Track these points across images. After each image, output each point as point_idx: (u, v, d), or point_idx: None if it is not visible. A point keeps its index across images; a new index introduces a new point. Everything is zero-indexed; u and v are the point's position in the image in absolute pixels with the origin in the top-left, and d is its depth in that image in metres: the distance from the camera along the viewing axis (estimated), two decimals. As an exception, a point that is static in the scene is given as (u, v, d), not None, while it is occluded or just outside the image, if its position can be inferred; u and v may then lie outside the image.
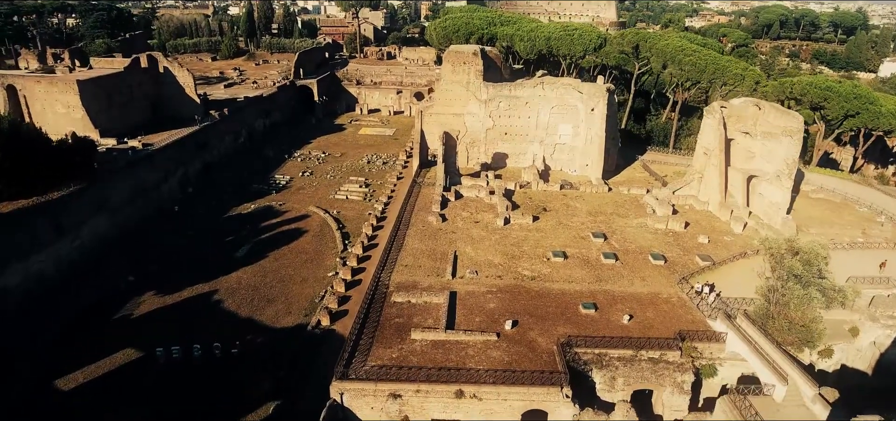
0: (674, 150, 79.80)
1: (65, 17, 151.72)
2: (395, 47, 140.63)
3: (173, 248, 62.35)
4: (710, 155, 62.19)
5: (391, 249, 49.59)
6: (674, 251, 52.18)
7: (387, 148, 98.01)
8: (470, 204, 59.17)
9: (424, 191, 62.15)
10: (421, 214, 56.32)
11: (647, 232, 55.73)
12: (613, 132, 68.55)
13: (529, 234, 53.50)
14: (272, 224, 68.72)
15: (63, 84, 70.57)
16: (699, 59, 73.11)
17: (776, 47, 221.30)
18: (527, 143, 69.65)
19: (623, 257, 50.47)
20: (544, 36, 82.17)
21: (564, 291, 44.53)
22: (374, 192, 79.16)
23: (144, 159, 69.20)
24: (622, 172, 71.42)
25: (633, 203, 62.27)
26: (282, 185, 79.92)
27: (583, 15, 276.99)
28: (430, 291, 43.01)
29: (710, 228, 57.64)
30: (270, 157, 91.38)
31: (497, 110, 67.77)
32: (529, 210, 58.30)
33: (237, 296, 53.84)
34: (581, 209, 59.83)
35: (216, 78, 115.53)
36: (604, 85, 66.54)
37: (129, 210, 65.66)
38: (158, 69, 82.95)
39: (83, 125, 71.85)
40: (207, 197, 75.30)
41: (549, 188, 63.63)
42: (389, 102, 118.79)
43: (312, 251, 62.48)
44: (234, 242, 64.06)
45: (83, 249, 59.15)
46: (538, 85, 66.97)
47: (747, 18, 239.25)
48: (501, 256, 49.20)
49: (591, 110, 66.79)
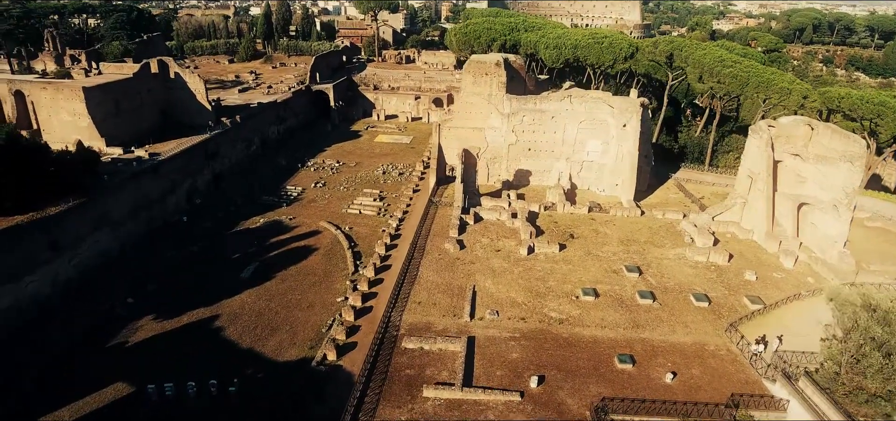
0: (710, 167, 73.17)
1: (86, 17, 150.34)
2: (415, 51, 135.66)
3: (176, 265, 58.64)
4: (755, 179, 55.81)
5: (404, 282, 44.57)
6: (718, 290, 46.16)
7: (403, 157, 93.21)
8: (490, 229, 53.87)
9: (441, 212, 57.04)
10: (437, 240, 51.22)
11: (687, 265, 49.75)
12: (646, 149, 62.51)
13: (556, 265, 47.99)
14: (281, 241, 64.46)
15: (69, 91, 67.18)
16: (740, 72, 66.38)
17: (809, 52, 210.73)
18: (552, 160, 64.00)
19: (661, 296, 44.67)
20: (571, 44, 76.20)
21: (597, 338, 39.02)
22: (388, 206, 74.41)
23: (150, 170, 65.39)
24: (655, 193, 65.28)
25: (668, 230, 56.23)
26: (293, 198, 75.68)
27: (606, 16, 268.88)
28: (445, 335, 37.94)
29: (756, 261, 51.36)
30: (283, 165, 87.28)
31: (520, 125, 62.26)
32: (555, 237, 52.81)
33: (239, 323, 49.65)
34: (612, 236, 54.04)
35: (231, 82, 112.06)
36: (637, 99, 60.55)
37: (131, 224, 61.95)
38: (169, 74, 79.29)
39: (89, 133, 68.43)
40: (215, 209, 71.45)
41: (577, 211, 57.95)
42: (407, 109, 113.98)
43: (321, 273, 57.97)
44: (240, 261, 59.94)
45: (82, 267, 55.50)
46: (566, 98, 61.28)
47: (778, 22, 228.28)
48: (525, 293, 43.82)
49: (622, 126, 60.89)
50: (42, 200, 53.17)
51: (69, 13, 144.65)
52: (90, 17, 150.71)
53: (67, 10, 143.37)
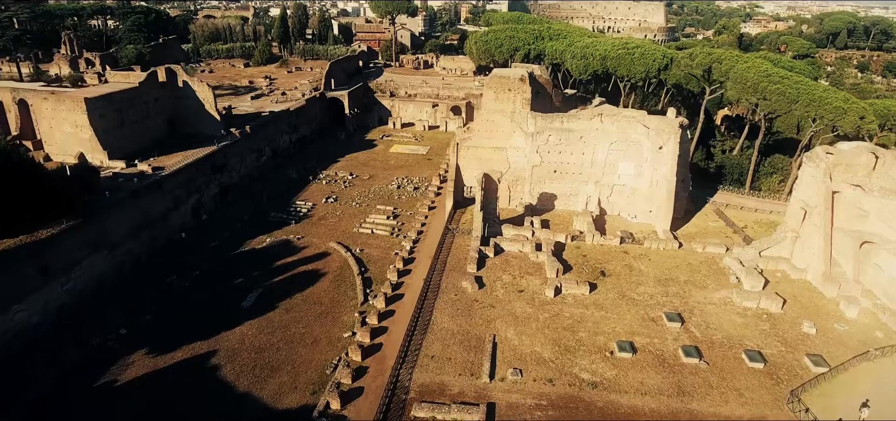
0: (751, 190, 66.27)
1: (105, 19, 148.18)
2: (433, 56, 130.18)
3: (176, 291, 54.49)
4: (810, 212, 49.13)
5: (415, 330, 39.26)
6: (772, 345, 39.84)
7: (419, 169, 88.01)
8: (512, 263, 48.24)
9: (458, 242, 51.57)
10: (453, 277, 45.80)
11: (734, 312, 43.46)
12: (684, 174, 56.14)
13: (586, 311, 42.17)
14: (287, 264, 59.83)
15: (70, 101, 63.33)
16: (788, 88, 59.37)
17: (842, 57, 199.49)
18: (579, 184, 58.03)
19: (708, 353, 38.58)
20: (599, 54, 69.80)
21: (636, 408, 33.21)
22: (402, 225, 69.25)
23: (152, 186, 61.20)
24: (692, 220, 58.83)
25: (710, 266, 49.88)
26: (303, 214, 71.02)
27: (629, 19, 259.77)
28: (461, 401, 32.57)
29: (813, 308, 44.79)
30: (294, 178, 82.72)
31: (546, 145, 56.41)
32: (584, 274, 46.98)
33: (238, 361, 45.12)
34: (647, 274, 47.94)
35: (245, 88, 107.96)
36: (676, 119, 54.20)
37: (131, 244, 57.78)
38: (177, 83, 75.19)
39: (91, 145, 64.58)
40: (221, 227, 67.19)
41: (607, 242, 51.95)
42: (424, 116, 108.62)
43: (328, 302, 53.12)
44: (243, 286, 55.52)
45: (75, 292, 51.44)
46: (596, 117, 55.21)
47: (810, 26, 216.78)
48: (552, 347, 38.14)
49: (658, 149, 54.65)
50: (35, 223, 49.33)
51: (88, 15, 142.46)
52: (110, 18, 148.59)
53: (86, 11, 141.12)
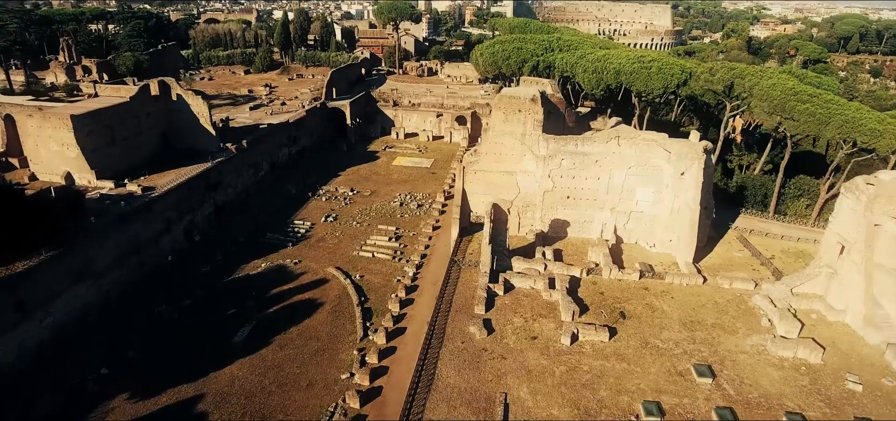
0: (776, 214, 61.55)
1: (106, 24, 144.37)
2: (437, 62, 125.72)
3: (164, 323, 50.56)
4: (849, 248, 44.54)
5: (418, 387, 34.99)
6: (815, 406, 35.31)
7: (423, 185, 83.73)
8: (523, 302, 43.87)
9: (465, 277, 47.23)
10: (460, 319, 41.48)
11: (769, 363, 38.95)
12: (707, 200, 51.60)
13: (606, 363, 37.78)
14: (283, 292, 55.81)
15: (56, 119, 59.29)
16: (818, 108, 54.58)
17: (854, 63, 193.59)
18: (594, 210, 53.57)
19: (745, 414, 34.11)
20: (613, 69, 65.11)
21: (668, 489, 29.00)
22: (404, 247, 65.03)
23: (142, 209, 57.15)
24: (715, 249, 54.23)
25: (739, 305, 45.34)
26: (300, 235, 66.91)
27: (635, 21, 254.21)
28: (469, 481, 28.44)
29: (856, 358, 40.20)
30: (293, 193, 78.63)
31: (559, 169, 51.95)
32: (602, 315, 42.60)
33: (227, 407, 41.22)
34: (671, 315, 43.47)
35: (243, 97, 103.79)
36: (699, 143, 49.63)
37: (118, 272, 53.78)
38: (171, 96, 71.11)
39: (78, 165, 60.61)
40: (215, 248, 63.14)
41: (625, 277, 47.49)
42: (428, 126, 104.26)
43: (326, 337, 49.07)
44: (236, 317, 51.58)
45: (55, 327, 47.50)
46: (613, 140, 50.73)
47: (820, 29, 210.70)
48: (571, 409, 33.75)
49: (680, 174, 50.12)
50: (12, 253, 45.41)
51: (88, 20, 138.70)
52: (110, 23, 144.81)
53: (86, 16, 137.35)
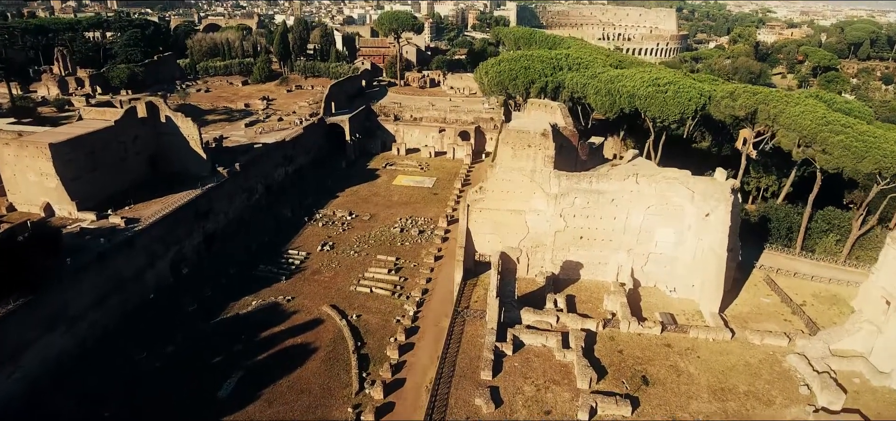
0: (802, 251, 56.58)
1: (103, 32, 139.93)
2: (440, 73, 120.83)
3: (144, 374, 46.05)
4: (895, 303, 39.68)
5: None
6: (868, 498, 30.69)
7: (424, 207, 79.03)
8: (534, 363, 39.17)
9: (470, 330, 42.55)
10: (464, 387, 36.82)
11: (811, 441, 34.29)
12: (734, 242, 46.71)
13: (629, 443, 33.17)
14: (274, 335, 51.21)
15: (34, 148, 54.81)
16: (853, 141, 49.59)
17: (864, 69, 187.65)
18: (609, 251, 48.79)
19: None
20: (627, 92, 60.07)
21: None
22: (405, 280, 60.45)
23: (123, 245, 52.63)
24: (741, 294, 49.34)
25: (772, 367, 40.44)
26: (295, 267, 62.27)
27: (640, 25, 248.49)
28: None
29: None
30: (288, 217, 74.05)
31: (571, 208, 47.17)
32: (623, 384, 37.87)
33: (206, 485, 36.81)
34: (699, 380, 38.68)
35: (239, 112, 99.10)
36: (726, 182, 44.75)
37: (96, 315, 49.32)
38: (159, 118, 66.55)
39: (58, 195, 56.16)
40: (203, 283, 58.57)
41: (646, 331, 42.72)
42: (430, 142, 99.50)
43: (318, 390, 44.54)
44: (222, 366, 47.06)
45: (26, 380, 43.07)
46: (630, 177, 45.92)
47: (830, 35, 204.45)
48: (591, 508, 29.18)
49: (705, 216, 45.28)
50: (-25, 302, 41.02)
51: (84, 28, 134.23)
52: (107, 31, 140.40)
53: (82, 25, 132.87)
